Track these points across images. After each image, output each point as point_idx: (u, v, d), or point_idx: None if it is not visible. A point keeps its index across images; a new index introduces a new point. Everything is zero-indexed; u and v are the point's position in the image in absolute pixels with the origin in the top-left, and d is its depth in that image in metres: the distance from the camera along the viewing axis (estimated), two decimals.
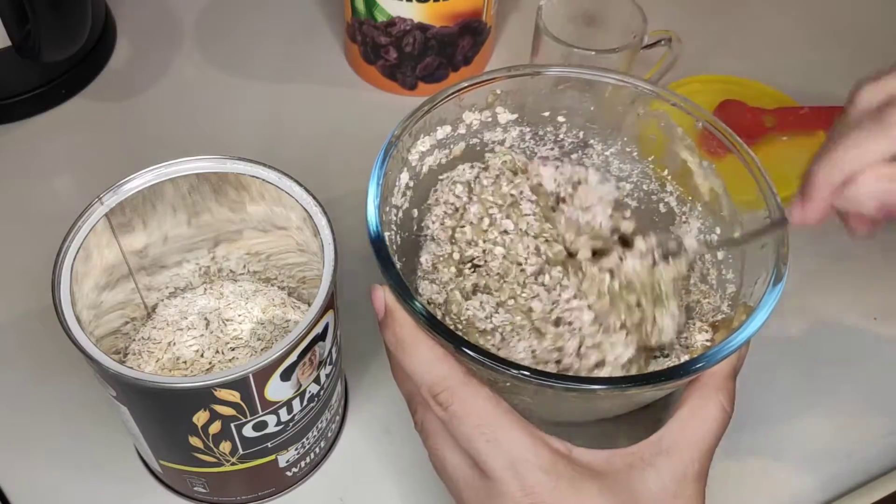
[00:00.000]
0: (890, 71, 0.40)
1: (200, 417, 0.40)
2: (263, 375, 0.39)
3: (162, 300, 0.50)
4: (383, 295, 0.41)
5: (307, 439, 0.46)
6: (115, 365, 0.38)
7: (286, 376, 0.40)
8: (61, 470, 0.50)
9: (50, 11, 0.58)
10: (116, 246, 0.45)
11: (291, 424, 0.44)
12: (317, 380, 0.43)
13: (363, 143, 0.53)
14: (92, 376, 0.41)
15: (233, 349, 0.49)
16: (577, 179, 0.51)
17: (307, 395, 0.43)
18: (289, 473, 0.48)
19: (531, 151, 0.53)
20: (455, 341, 0.39)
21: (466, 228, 0.50)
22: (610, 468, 0.38)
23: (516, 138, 0.52)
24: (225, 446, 0.42)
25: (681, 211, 0.51)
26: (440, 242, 0.50)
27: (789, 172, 0.57)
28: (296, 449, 0.46)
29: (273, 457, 0.45)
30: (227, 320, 0.50)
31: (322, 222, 0.43)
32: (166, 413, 0.41)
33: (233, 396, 0.39)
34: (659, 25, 0.62)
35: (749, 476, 0.51)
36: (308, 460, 0.48)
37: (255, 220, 0.48)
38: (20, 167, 0.63)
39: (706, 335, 0.46)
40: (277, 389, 0.40)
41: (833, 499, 0.51)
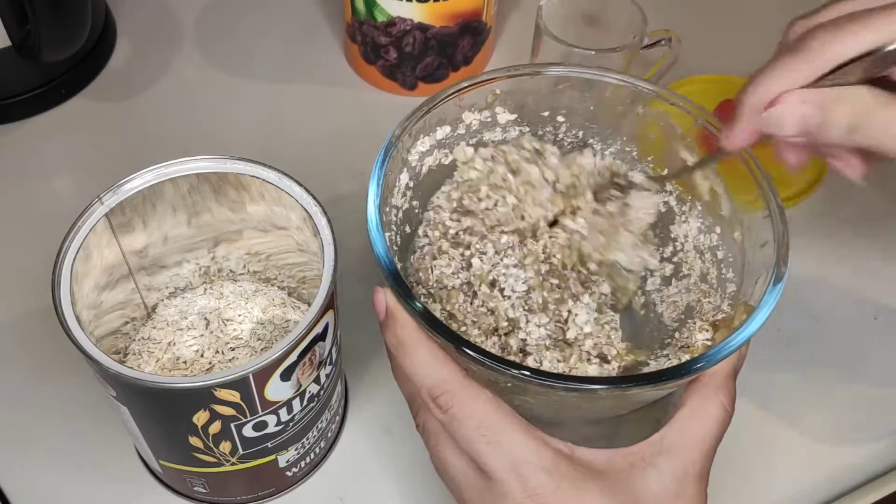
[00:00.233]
0: (819, 9, 0.42)
1: (200, 417, 0.40)
2: (263, 375, 0.39)
3: (162, 300, 0.50)
4: (384, 296, 0.41)
5: (307, 439, 0.46)
6: (115, 365, 0.38)
7: (286, 376, 0.40)
8: (61, 470, 0.50)
9: (50, 11, 0.58)
10: (116, 246, 0.45)
11: (291, 424, 0.44)
12: (317, 380, 0.43)
13: (363, 144, 0.53)
14: (92, 376, 0.41)
15: (233, 349, 0.49)
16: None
17: (307, 395, 0.43)
18: (289, 473, 0.48)
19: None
20: (456, 342, 0.39)
21: (482, 189, 0.51)
22: (611, 468, 0.38)
23: (516, 138, 0.52)
24: (225, 446, 0.42)
25: (680, 210, 0.51)
26: (439, 209, 0.51)
27: (789, 172, 0.57)
28: (296, 449, 0.46)
29: (273, 457, 0.45)
30: (227, 320, 0.50)
31: (322, 222, 0.43)
32: (166, 413, 0.41)
33: (233, 396, 0.39)
34: (659, 25, 0.62)
35: (749, 476, 0.51)
36: (308, 460, 0.48)
37: (255, 220, 0.48)
38: (20, 167, 0.63)
39: (706, 334, 0.46)
40: (277, 389, 0.40)
41: (833, 499, 0.51)
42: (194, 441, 0.42)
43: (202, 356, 0.48)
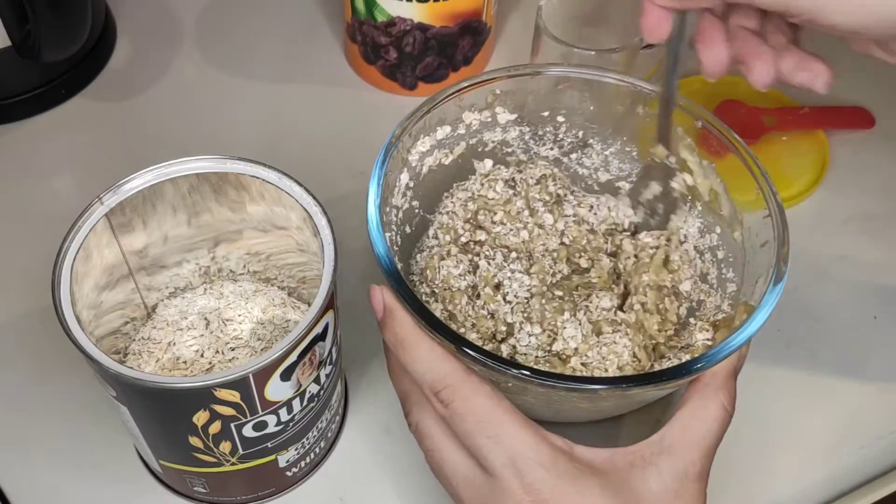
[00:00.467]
0: None
1: (200, 417, 0.40)
2: (263, 375, 0.39)
3: (162, 300, 0.50)
4: (382, 295, 0.41)
5: (307, 439, 0.46)
6: (115, 365, 0.38)
7: (286, 376, 0.40)
8: (61, 470, 0.50)
9: (50, 11, 0.58)
10: (116, 246, 0.45)
11: (291, 424, 0.44)
12: (317, 380, 0.43)
13: (363, 143, 0.53)
14: (92, 376, 0.41)
15: (233, 349, 0.49)
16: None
17: (307, 395, 0.43)
18: (289, 473, 0.48)
19: (531, 151, 0.53)
20: (456, 341, 0.39)
21: (499, 213, 0.51)
22: (611, 467, 0.38)
23: (516, 138, 0.52)
24: (225, 446, 0.42)
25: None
26: (454, 215, 0.51)
27: (789, 172, 0.57)
28: (296, 449, 0.46)
29: (273, 457, 0.45)
30: (227, 320, 0.50)
31: (322, 222, 0.43)
32: (166, 413, 0.41)
33: (233, 396, 0.39)
34: None
35: (749, 476, 0.51)
36: (308, 460, 0.48)
37: (255, 220, 0.48)
38: (20, 167, 0.63)
39: (707, 334, 0.46)
40: (277, 389, 0.40)
41: (833, 499, 0.51)
42: (194, 441, 0.42)
43: (202, 356, 0.48)
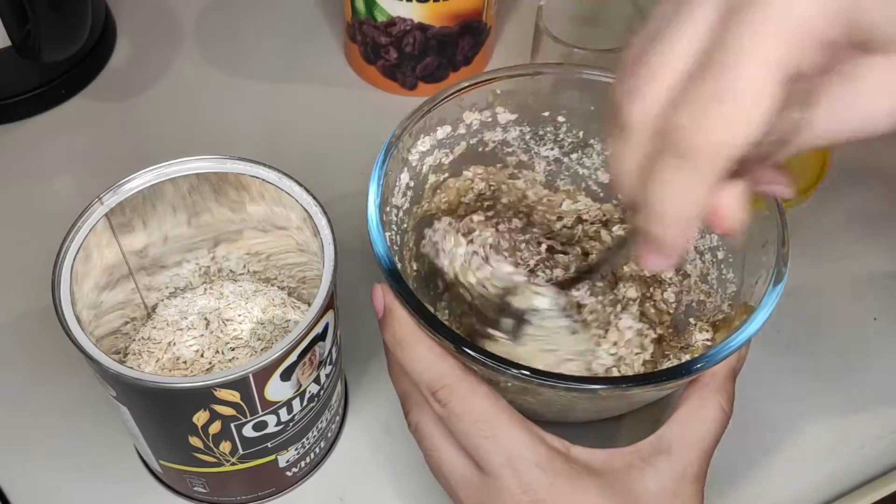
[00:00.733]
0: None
1: (200, 417, 0.40)
2: (263, 375, 0.39)
3: (162, 300, 0.50)
4: (383, 294, 0.41)
5: (307, 439, 0.46)
6: (115, 365, 0.38)
7: (286, 376, 0.40)
8: (61, 470, 0.50)
9: (50, 11, 0.58)
10: (116, 246, 0.45)
11: (291, 424, 0.44)
12: (317, 380, 0.43)
13: (363, 144, 0.53)
14: (92, 376, 0.41)
15: (233, 349, 0.49)
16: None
17: (307, 395, 0.43)
18: (289, 473, 0.48)
19: (532, 151, 0.53)
20: (456, 341, 0.39)
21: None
22: (609, 467, 0.38)
23: (516, 138, 0.52)
24: (225, 446, 0.42)
25: None
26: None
27: (790, 170, 0.56)
28: (296, 449, 0.46)
29: (273, 457, 0.45)
30: (227, 320, 0.50)
31: (322, 222, 0.43)
32: (166, 413, 0.41)
33: (233, 396, 0.39)
34: None
35: (748, 476, 0.51)
36: (308, 460, 0.48)
37: (255, 220, 0.48)
38: (20, 167, 0.63)
39: (706, 335, 0.46)
40: (277, 389, 0.40)
41: (833, 499, 0.51)
42: (194, 441, 0.42)
43: (202, 356, 0.48)
